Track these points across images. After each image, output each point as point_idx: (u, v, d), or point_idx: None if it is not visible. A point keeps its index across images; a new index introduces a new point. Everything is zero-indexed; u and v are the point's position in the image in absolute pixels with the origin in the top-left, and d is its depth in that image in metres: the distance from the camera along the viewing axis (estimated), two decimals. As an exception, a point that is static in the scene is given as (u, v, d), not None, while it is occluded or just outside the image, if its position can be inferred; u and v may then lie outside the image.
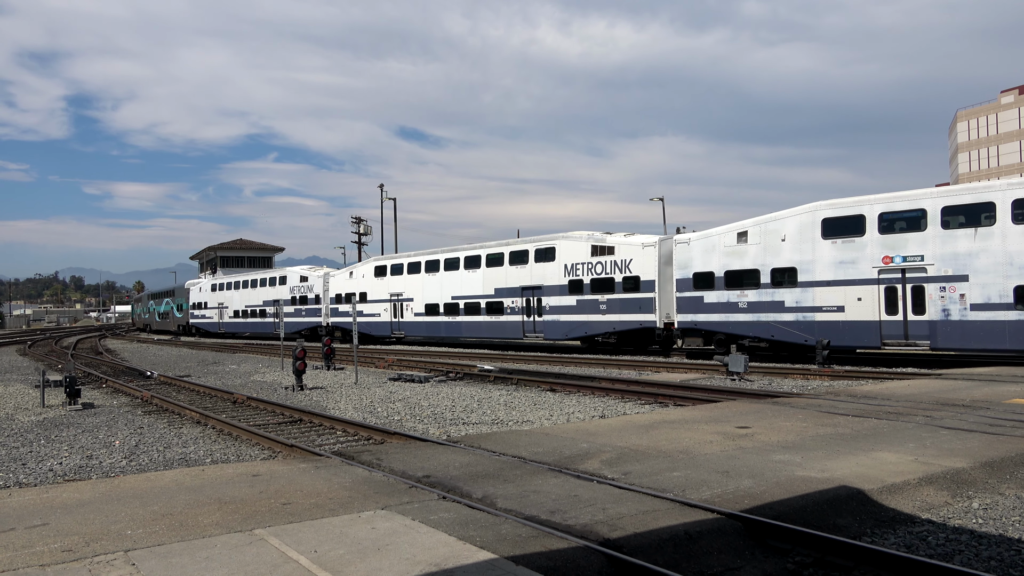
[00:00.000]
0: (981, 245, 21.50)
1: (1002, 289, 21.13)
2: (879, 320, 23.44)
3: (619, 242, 32.71)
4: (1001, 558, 6.60)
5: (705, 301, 28.07)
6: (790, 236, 25.51)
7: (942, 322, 22.25)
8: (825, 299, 24.62)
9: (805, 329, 25.24)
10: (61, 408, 19.17)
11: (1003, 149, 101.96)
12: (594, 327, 33.45)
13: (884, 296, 23.36)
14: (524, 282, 36.83)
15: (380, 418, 16.43)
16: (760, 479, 8.45)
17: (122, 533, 6.96)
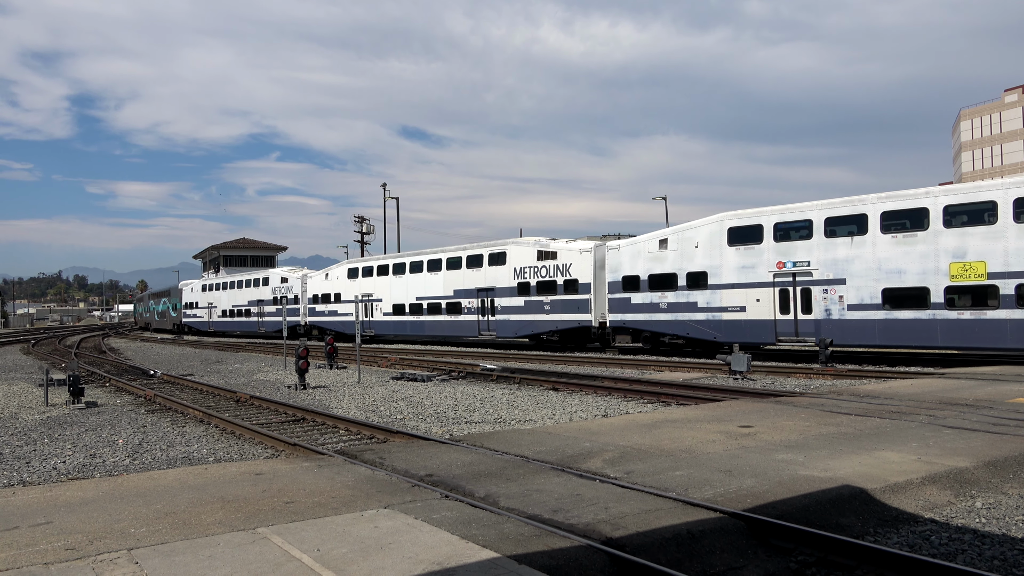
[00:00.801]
0: (856, 252, 24.13)
1: (873, 291, 23.77)
2: (774, 319, 26.15)
3: (561, 248, 35.55)
4: (1004, 557, 6.59)
5: (632, 302, 30.96)
6: (702, 243, 28.32)
7: (825, 320, 24.88)
8: (730, 300, 27.38)
9: (714, 327, 28.01)
10: (65, 407, 19.21)
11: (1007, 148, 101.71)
12: (540, 326, 36.16)
13: (778, 297, 26.05)
14: (479, 284, 39.37)
15: (383, 417, 16.44)
16: (763, 478, 8.44)
17: (125, 531, 6.98)
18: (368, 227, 69.21)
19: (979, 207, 22.10)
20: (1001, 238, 21.41)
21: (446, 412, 16.83)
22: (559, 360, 29.45)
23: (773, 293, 26.15)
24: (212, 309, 68.34)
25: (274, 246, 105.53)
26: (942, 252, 22.45)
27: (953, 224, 22.37)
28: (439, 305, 41.97)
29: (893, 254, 23.36)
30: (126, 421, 16.79)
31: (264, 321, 59.04)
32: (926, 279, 22.72)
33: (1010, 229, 21.24)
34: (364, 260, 50.52)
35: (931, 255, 22.64)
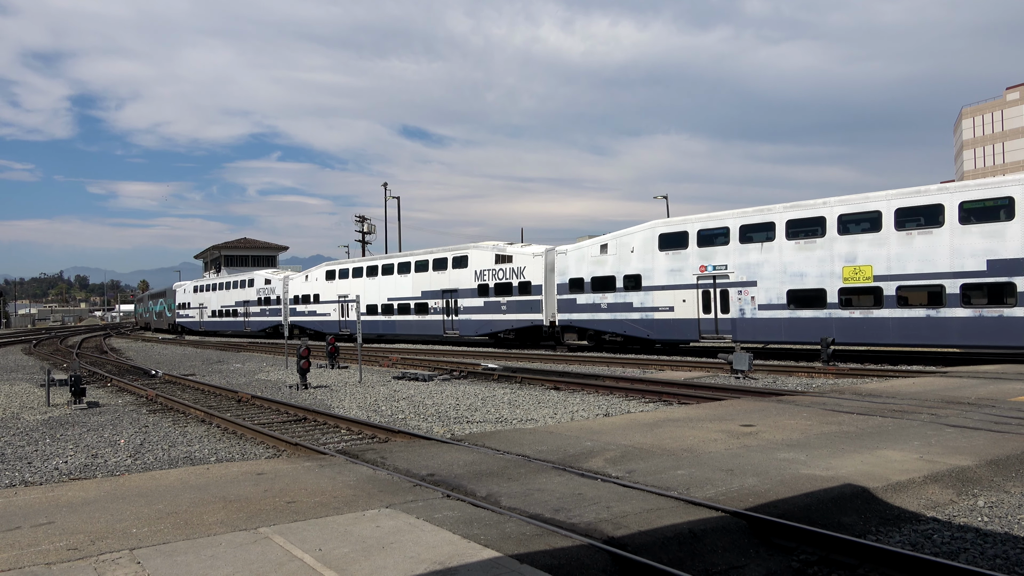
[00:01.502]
0: (765, 257, 26.52)
1: (779, 292, 26.16)
2: (698, 318, 28.63)
3: (516, 252, 38.00)
4: (1007, 556, 6.58)
5: (578, 302, 33.46)
6: (637, 249, 30.81)
7: (740, 319, 27.31)
8: (661, 301, 29.91)
9: (647, 326, 30.51)
10: (66, 407, 19.23)
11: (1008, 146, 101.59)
12: (497, 325, 38.45)
13: (701, 298, 28.50)
14: (444, 286, 41.71)
15: (384, 417, 16.44)
16: (765, 477, 8.44)
17: (127, 531, 6.98)
18: (369, 227, 69.24)
19: (867, 216, 24.30)
20: (885, 244, 23.69)
21: (447, 412, 16.83)
22: (560, 360, 29.48)
23: (697, 294, 28.62)
24: (203, 310, 70.93)
25: (275, 246, 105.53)
26: (837, 257, 24.73)
27: (846, 232, 24.64)
28: (408, 306, 44.19)
29: (796, 259, 25.68)
30: (128, 421, 16.80)
31: (250, 321, 61.83)
32: (823, 281, 25.01)
33: (892, 236, 23.54)
34: (341, 263, 52.61)
35: (827, 260, 24.92)
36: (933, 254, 22.77)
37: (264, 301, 59.69)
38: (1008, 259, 21.36)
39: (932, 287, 22.86)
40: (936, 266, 22.72)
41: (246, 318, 62.21)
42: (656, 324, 30.12)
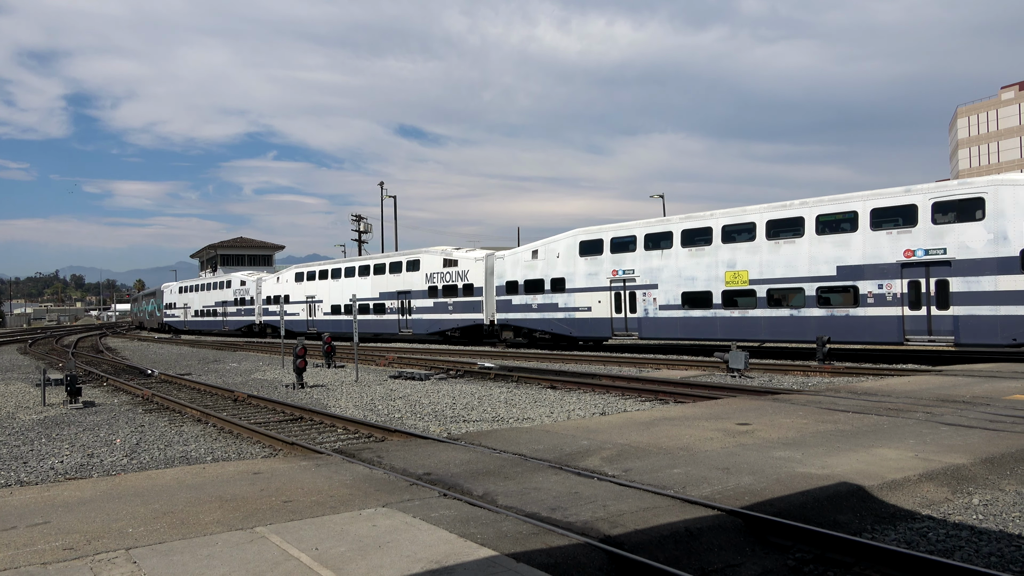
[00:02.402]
0: (665, 263, 29.36)
1: (676, 294, 28.98)
2: (611, 317, 31.53)
3: (461, 256, 40.95)
4: (1002, 554, 6.61)
5: (513, 303, 36.57)
6: (562, 254, 33.93)
7: (644, 318, 30.24)
8: (581, 301, 32.86)
9: (570, 324, 33.57)
10: (62, 406, 19.19)
11: (1003, 145, 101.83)
12: (445, 324, 41.49)
13: (613, 299, 31.38)
14: (399, 287, 44.78)
15: (381, 416, 16.44)
16: (761, 476, 8.45)
17: (123, 531, 6.97)
18: (365, 226, 69.16)
19: (745, 227, 27.01)
20: (758, 252, 26.43)
21: (444, 411, 16.83)
22: (556, 359, 29.51)
23: (610, 296, 31.54)
24: (187, 309, 74.72)
25: (271, 245, 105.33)
26: (720, 263, 27.56)
27: (728, 240, 27.36)
28: (368, 306, 46.96)
29: (689, 264, 28.55)
30: (124, 421, 16.77)
31: (227, 320, 65.28)
32: (710, 284, 27.82)
33: (764, 245, 26.30)
34: (308, 265, 55.39)
35: (713, 265, 27.76)
36: (796, 260, 25.53)
37: (240, 301, 62.98)
38: (853, 265, 24.11)
39: (795, 290, 25.63)
40: (798, 271, 25.51)
41: (224, 317, 65.59)
42: (577, 323, 33.23)
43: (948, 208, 22.35)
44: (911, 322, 22.92)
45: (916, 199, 22.86)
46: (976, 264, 21.68)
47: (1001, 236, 21.24)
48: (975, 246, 21.70)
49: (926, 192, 22.72)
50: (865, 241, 23.80)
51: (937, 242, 22.36)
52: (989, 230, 21.45)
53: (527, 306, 35.80)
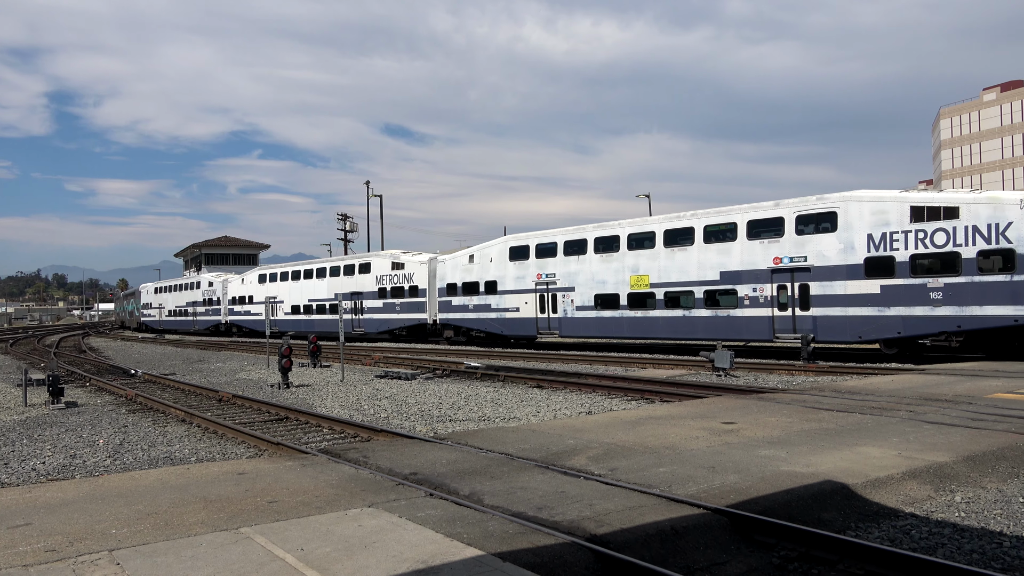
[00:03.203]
0: (581, 267, 32.41)
1: (590, 296, 32.01)
2: (536, 317, 34.66)
3: (407, 260, 43.85)
4: (983, 551, 6.67)
5: (452, 304, 39.53)
6: (494, 259, 36.89)
7: (564, 318, 33.21)
8: (511, 303, 35.92)
9: (501, 324, 36.55)
10: (44, 407, 19.00)
11: (985, 146, 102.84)
12: (393, 323, 44.44)
13: (538, 301, 34.45)
14: (352, 289, 47.35)
15: (367, 416, 16.39)
16: (746, 474, 8.49)
17: (106, 532, 6.91)
18: (351, 225, 68.92)
19: (646, 235, 29.97)
20: (657, 258, 29.40)
21: (430, 410, 16.80)
22: (543, 358, 29.55)
23: (536, 297, 34.61)
24: (161, 309, 77.96)
25: (256, 244, 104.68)
26: (627, 268, 30.47)
27: (633, 247, 30.30)
28: (324, 306, 50.02)
29: (601, 269, 31.52)
30: (107, 421, 16.63)
31: (197, 319, 68.37)
32: (618, 287, 30.73)
33: (662, 252, 29.28)
34: (271, 267, 58.57)
35: (621, 270, 30.69)
36: (687, 266, 28.42)
37: (208, 302, 66.03)
38: (733, 271, 27.03)
39: (687, 292, 28.45)
40: (689, 276, 28.39)
41: (194, 317, 68.84)
42: (508, 322, 36.24)
43: (809, 220, 25.21)
44: (780, 321, 25.76)
45: (783, 212, 25.79)
46: (830, 270, 24.47)
47: (849, 246, 23.99)
48: (829, 254, 24.49)
49: (791, 206, 25.67)
50: (743, 249, 26.77)
51: (800, 251, 25.30)
52: (840, 240, 24.23)
53: (465, 307, 38.66)
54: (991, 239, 21.35)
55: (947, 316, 22.14)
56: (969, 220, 21.66)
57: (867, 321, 23.66)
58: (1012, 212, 21.09)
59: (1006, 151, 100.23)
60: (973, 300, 21.62)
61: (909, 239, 22.74)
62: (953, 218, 21.94)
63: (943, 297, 22.16)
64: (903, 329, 23.11)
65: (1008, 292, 21.04)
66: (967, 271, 21.68)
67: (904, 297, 22.87)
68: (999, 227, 21.22)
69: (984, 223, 21.48)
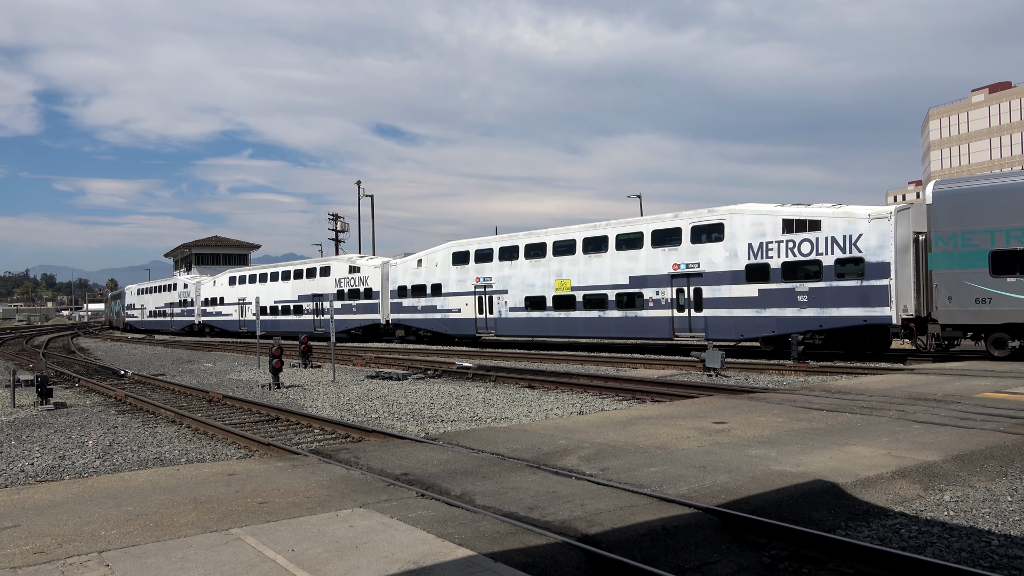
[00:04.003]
0: (513, 272, 35.35)
1: (521, 299, 34.90)
2: (475, 318, 37.42)
3: (363, 264, 46.57)
4: (972, 550, 6.71)
5: (403, 305, 42.36)
6: (439, 263, 39.73)
7: (499, 318, 36.24)
8: (453, 304, 38.72)
9: (446, 324, 39.35)
10: (32, 408, 18.88)
11: (974, 147, 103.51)
12: (351, 323, 46.70)
13: (477, 302, 37.25)
14: (314, 291, 50.34)
15: (358, 416, 16.36)
16: (736, 474, 8.52)
17: (96, 534, 6.88)
18: (342, 225, 68.79)
19: (568, 243, 32.89)
20: (577, 264, 32.20)
21: (422, 410, 16.78)
22: (534, 358, 29.57)
23: (475, 299, 37.39)
24: (143, 310, 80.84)
25: (247, 244, 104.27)
26: (552, 272, 33.42)
27: (558, 254, 33.15)
28: (289, 307, 52.98)
29: (531, 273, 34.45)
30: (96, 422, 16.54)
31: (174, 320, 71.10)
32: (545, 290, 33.64)
33: (581, 258, 32.08)
34: (240, 270, 61.98)
35: (547, 274, 33.62)
36: (602, 271, 31.09)
37: (183, 303, 68.96)
38: (640, 275, 29.65)
39: (602, 295, 31.04)
40: (603, 280, 31.00)
41: (171, 318, 71.73)
42: (451, 322, 38.95)
43: (702, 231, 27.92)
44: (678, 322, 28.55)
45: (681, 223, 28.58)
46: (719, 275, 27.20)
47: (734, 254, 26.75)
48: (718, 261, 27.24)
49: (687, 218, 28.49)
50: (648, 256, 29.48)
51: (694, 258, 28.00)
52: (727, 249, 26.97)
53: (414, 308, 41.48)
54: (846, 249, 24.06)
55: (811, 316, 24.80)
56: (829, 232, 24.45)
57: (748, 321, 26.39)
58: (862, 225, 23.71)
59: (994, 152, 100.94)
60: (832, 302, 24.30)
61: (781, 248, 25.56)
62: (816, 230, 24.73)
63: (808, 300, 24.87)
64: (776, 328, 25.72)
65: (859, 295, 23.65)
66: (827, 277, 24.41)
67: (777, 300, 25.63)
68: (852, 238, 23.92)
69: (841, 235, 24.19)
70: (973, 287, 21.68)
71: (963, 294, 21.84)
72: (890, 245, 23.16)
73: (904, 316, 23.08)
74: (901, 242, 23.25)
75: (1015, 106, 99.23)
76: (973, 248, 21.67)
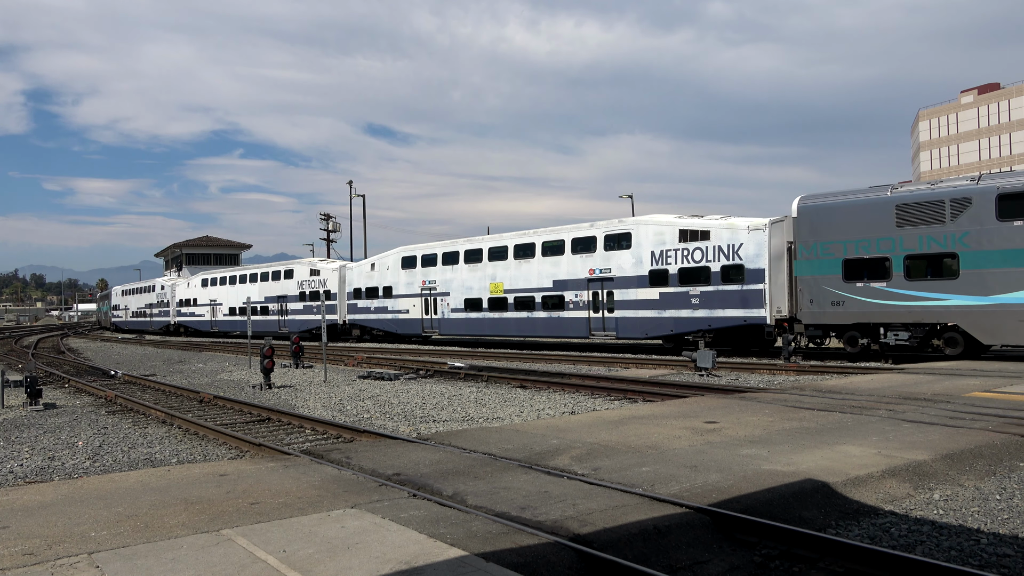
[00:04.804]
0: (455, 275, 38.44)
1: (461, 300, 37.99)
2: (421, 318, 40.62)
3: (323, 267, 49.71)
4: (961, 548, 6.75)
5: (358, 306, 45.22)
6: (390, 267, 42.73)
7: (442, 319, 39.13)
8: (403, 305, 41.79)
9: (395, 324, 42.40)
10: (21, 409, 18.77)
11: (963, 148, 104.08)
12: (311, 323, 48.85)
13: (423, 304, 40.32)
14: (279, 292, 53.17)
15: (349, 416, 16.33)
16: (728, 473, 8.54)
17: (86, 535, 6.84)
18: (334, 225, 68.61)
19: (502, 249, 36.10)
20: (509, 268, 35.43)
21: (413, 411, 16.77)
22: (526, 358, 29.59)
23: (421, 301, 40.40)
24: (127, 311, 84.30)
25: (238, 244, 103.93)
26: (488, 276, 36.51)
27: (493, 259, 36.31)
28: (256, 308, 54.62)
29: (469, 277, 37.50)
30: (86, 423, 16.46)
31: (152, 320, 74.46)
32: (481, 293, 36.72)
33: (512, 263, 35.20)
34: (212, 272, 64.92)
35: (484, 278, 36.71)
36: (530, 275, 34.26)
37: (160, 304, 72.21)
38: (562, 279, 32.81)
39: (530, 297, 34.16)
40: (531, 283, 34.18)
41: (151, 318, 75.11)
42: (400, 322, 41.96)
43: (613, 239, 30.85)
44: (594, 322, 31.50)
45: (596, 232, 31.60)
46: (627, 280, 30.09)
47: (640, 260, 29.68)
48: (626, 267, 30.17)
49: (602, 228, 31.54)
50: (569, 262, 32.51)
51: (607, 264, 30.93)
52: (634, 256, 29.93)
53: (368, 309, 44.22)
54: (730, 256, 27.01)
55: (702, 317, 27.73)
56: (716, 241, 27.39)
57: (651, 321, 29.28)
58: (743, 235, 26.65)
59: (983, 153, 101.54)
60: (719, 304, 27.21)
61: (678, 256, 28.57)
62: (706, 240, 27.66)
63: (699, 302, 27.78)
64: (674, 328, 28.64)
65: (740, 298, 26.59)
66: (714, 282, 27.32)
67: (674, 302, 28.57)
68: (735, 247, 26.84)
69: (726, 244, 27.12)
70: (829, 291, 23.97)
71: (822, 297, 24.15)
72: (765, 253, 26.02)
73: (778, 316, 25.65)
74: (776, 251, 25.94)
75: (1004, 107, 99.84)
76: (830, 257, 23.94)
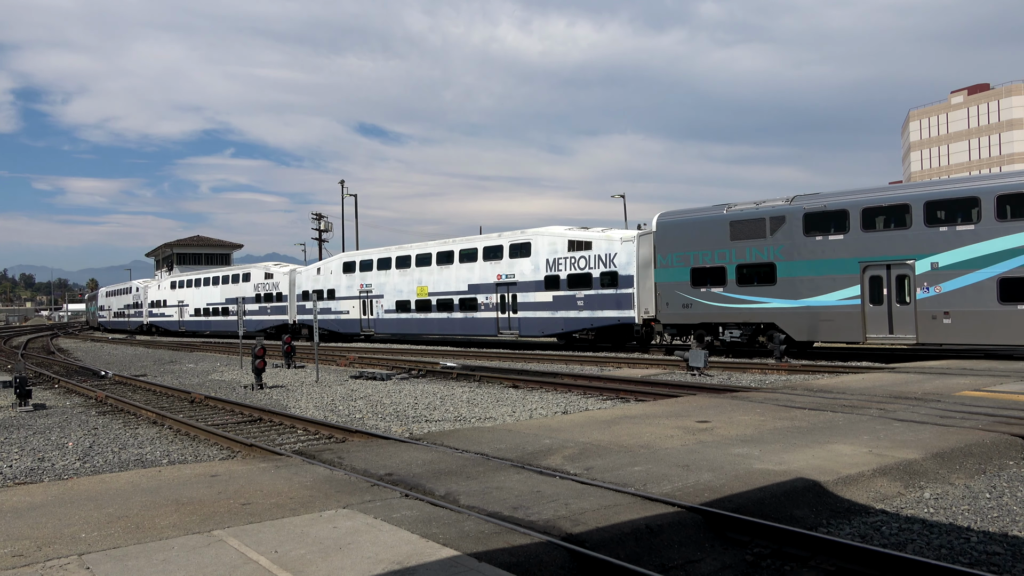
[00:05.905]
0: (387, 279, 42.19)
1: (393, 303, 41.60)
2: (360, 319, 44.09)
3: (275, 271, 53.34)
4: (951, 546, 6.78)
5: (307, 308, 47.59)
6: (334, 271, 46.51)
7: (377, 319, 42.75)
8: (344, 307, 45.22)
9: (338, 324, 45.55)
10: (11, 409, 18.66)
11: (953, 148, 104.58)
12: (265, 323, 53.07)
13: (361, 305, 43.89)
14: (237, 294, 54.96)
15: (341, 416, 16.29)
16: (720, 472, 8.56)
17: (76, 536, 6.81)
18: (326, 224, 68.49)
19: (426, 256, 39.59)
20: (433, 273, 39.14)
21: (406, 410, 16.74)
22: (518, 358, 29.59)
23: (359, 303, 44.00)
24: (109, 311, 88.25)
25: (229, 244, 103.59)
26: (415, 280, 40.21)
27: (420, 264, 40.00)
28: (218, 309, 59.76)
29: (400, 281, 41.17)
30: (76, 423, 16.38)
31: (130, 320, 78.32)
32: (410, 295, 40.32)
33: (435, 269, 39.06)
34: (180, 275, 69.77)
35: (412, 282, 40.36)
36: (450, 280, 37.97)
37: (136, 305, 76.19)
38: (476, 283, 36.63)
39: (449, 300, 37.82)
40: (451, 287, 37.91)
41: (128, 318, 79.06)
42: (342, 323, 45.37)
43: (516, 248, 34.88)
44: (501, 322, 35.44)
45: (503, 242, 35.61)
46: (527, 284, 34.13)
47: (538, 267, 33.76)
48: (527, 273, 34.21)
49: (507, 238, 35.48)
50: (481, 268, 36.36)
51: (512, 270, 34.90)
52: (533, 263, 33.99)
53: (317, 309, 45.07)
54: (607, 264, 30.89)
55: (586, 317, 31.70)
56: (597, 251, 31.29)
57: (547, 321, 33.25)
58: (617, 246, 30.56)
59: (973, 153, 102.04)
60: (599, 306, 31.08)
61: (568, 263, 32.51)
62: (589, 249, 31.58)
63: (584, 304, 31.67)
64: (564, 327, 32.70)
65: (615, 301, 30.42)
66: (595, 286, 31.17)
67: (564, 304, 32.45)
68: (611, 256, 30.77)
69: (604, 253, 31.05)
70: (681, 295, 27.17)
71: (675, 300, 27.35)
72: (634, 262, 29.85)
73: (645, 317, 29.52)
74: (644, 259, 29.50)
75: (993, 107, 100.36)
76: (681, 266, 27.14)
